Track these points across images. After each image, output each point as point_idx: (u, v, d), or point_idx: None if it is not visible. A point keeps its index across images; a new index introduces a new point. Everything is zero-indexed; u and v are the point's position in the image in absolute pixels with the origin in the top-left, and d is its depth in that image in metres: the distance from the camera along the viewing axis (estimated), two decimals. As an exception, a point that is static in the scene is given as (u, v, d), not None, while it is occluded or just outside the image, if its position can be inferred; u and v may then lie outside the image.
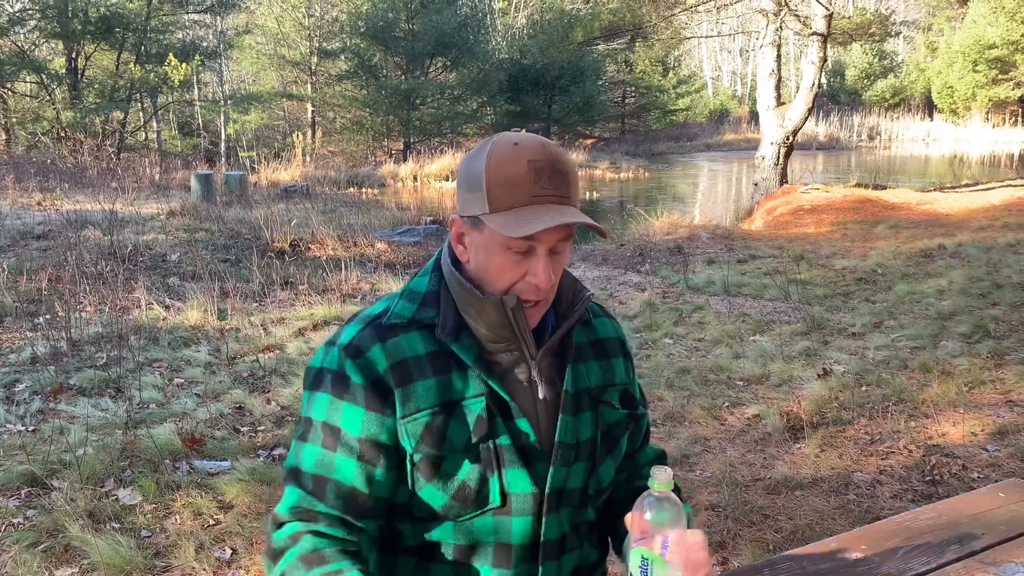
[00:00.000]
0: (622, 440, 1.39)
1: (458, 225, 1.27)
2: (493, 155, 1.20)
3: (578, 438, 1.32)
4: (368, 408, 1.22)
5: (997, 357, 5.16)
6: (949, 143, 31.87)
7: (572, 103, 28.31)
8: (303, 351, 5.55)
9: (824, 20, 13.60)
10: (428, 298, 1.29)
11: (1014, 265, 7.77)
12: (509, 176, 1.18)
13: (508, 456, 1.25)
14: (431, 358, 1.25)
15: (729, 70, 54.61)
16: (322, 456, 1.23)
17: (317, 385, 1.26)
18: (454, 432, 1.23)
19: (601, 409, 1.36)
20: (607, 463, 1.37)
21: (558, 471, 1.29)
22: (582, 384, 1.34)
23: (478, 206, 1.21)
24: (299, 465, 1.25)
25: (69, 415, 4.38)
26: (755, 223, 12.59)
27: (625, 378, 1.42)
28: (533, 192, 1.18)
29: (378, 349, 1.24)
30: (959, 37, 32.27)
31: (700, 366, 5.22)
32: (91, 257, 8.01)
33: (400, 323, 1.27)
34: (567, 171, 1.21)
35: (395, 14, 22.64)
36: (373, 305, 1.33)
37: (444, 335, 1.26)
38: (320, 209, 12.12)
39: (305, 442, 1.25)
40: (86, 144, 17.79)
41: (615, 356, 1.42)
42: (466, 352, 1.25)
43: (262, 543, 3.13)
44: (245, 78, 29.11)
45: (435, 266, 1.33)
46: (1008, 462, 3.72)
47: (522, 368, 1.29)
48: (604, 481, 1.37)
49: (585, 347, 1.38)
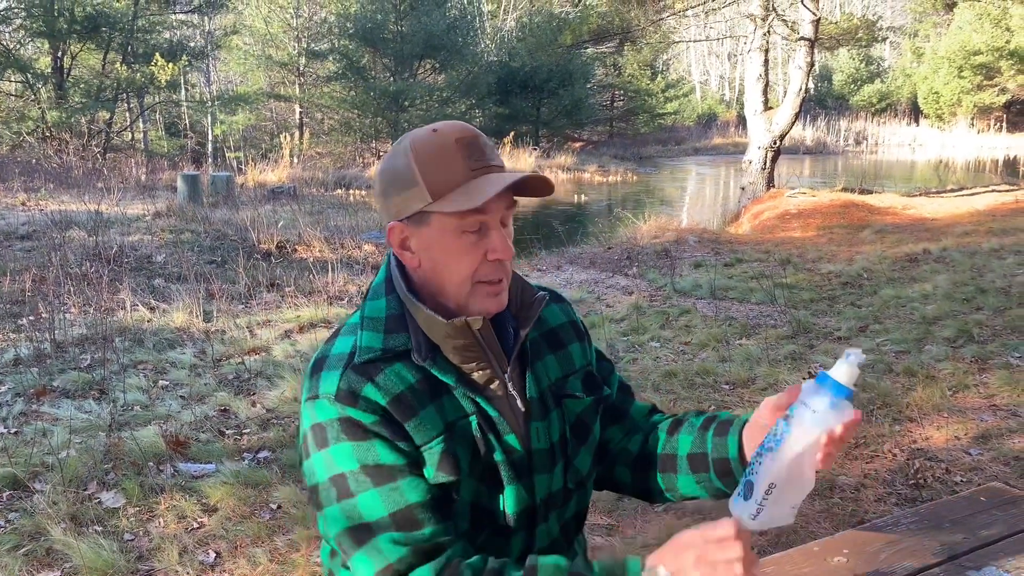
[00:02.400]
0: (594, 426, 1.38)
1: (398, 231, 1.24)
2: (416, 147, 1.20)
3: (552, 440, 1.31)
4: (393, 438, 1.17)
5: (981, 361, 5.20)
6: (935, 148, 32.08)
7: (560, 106, 28.37)
8: (289, 353, 5.53)
9: (811, 25, 13.67)
10: (392, 323, 1.24)
11: (998, 270, 7.83)
12: (441, 159, 1.18)
13: (505, 473, 1.25)
14: (421, 385, 1.21)
15: (717, 74, 54.82)
16: (385, 494, 1.16)
17: (327, 441, 1.18)
18: (461, 455, 1.21)
19: (565, 403, 1.34)
20: (581, 453, 1.36)
21: (542, 479, 1.29)
22: (543, 384, 1.33)
23: (417, 201, 1.19)
24: (366, 520, 1.16)
25: (52, 417, 4.35)
26: (742, 227, 12.64)
27: (584, 360, 1.41)
28: (469, 167, 1.18)
29: (371, 388, 1.18)
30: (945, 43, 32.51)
31: (687, 369, 5.23)
32: (76, 258, 7.96)
33: (375, 357, 1.21)
34: (490, 144, 1.23)
35: (384, 16, 22.61)
36: (333, 344, 1.26)
37: (422, 359, 1.21)
38: (307, 211, 12.09)
39: (353, 497, 1.16)
40: (71, 144, 17.67)
41: (570, 342, 1.41)
42: (446, 374, 1.23)
43: (246, 546, 3.12)
44: (233, 79, 28.98)
45: (388, 287, 1.28)
46: (991, 466, 3.75)
47: (497, 384, 1.27)
48: (583, 470, 1.37)
49: (539, 342, 1.36)
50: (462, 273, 1.21)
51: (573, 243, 10.80)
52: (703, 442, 1.34)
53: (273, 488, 3.55)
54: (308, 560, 2.98)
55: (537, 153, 24.26)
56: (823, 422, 1.06)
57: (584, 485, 1.38)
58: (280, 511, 3.39)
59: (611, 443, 1.44)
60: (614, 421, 1.45)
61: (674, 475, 1.37)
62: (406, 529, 1.15)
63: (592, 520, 3.33)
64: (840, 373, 1.07)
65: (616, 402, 1.46)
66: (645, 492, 1.45)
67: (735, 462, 1.29)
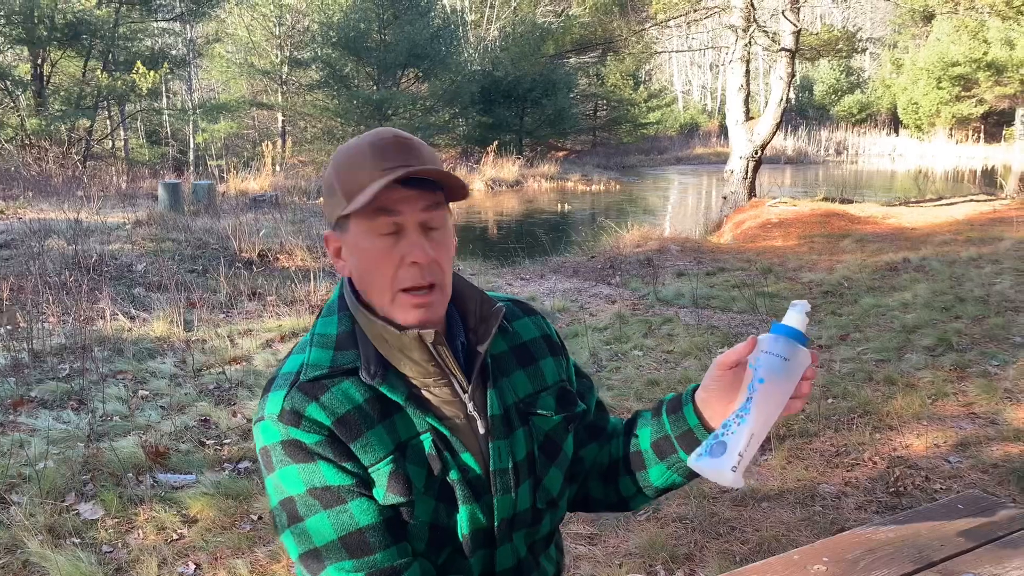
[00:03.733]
0: (564, 444, 1.34)
1: (332, 240, 1.23)
2: (338, 155, 1.20)
3: (515, 460, 1.26)
4: (338, 459, 1.14)
5: (960, 370, 5.25)
6: (914, 158, 32.43)
7: (544, 115, 28.46)
8: (270, 363, 5.50)
9: (792, 36, 13.80)
10: (342, 340, 1.21)
11: (976, 279, 7.91)
12: (354, 163, 1.17)
13: (461, 492, 1.21)
14: (370, 404, 1.17)
15: (699, 84, 55.17)
16: (334, 517, 1.13)
17: (273, 465, 1.15)
18: (414, 475, 1.18)
19: (533, 421, 1.29)
20: (551, 473, 1.31)
21: (503, 500, 1.24)
22: (509, 400, 1.28)
23: (339, 207, 1.18)
24: (316, 545, 1.13)
25: (30, 428, 4.30)
26: (724, 236, 12.71)
27: (557, 376, 1.36)
28: (378, 167, 1.14)
29: (315, 408, 1.14)
30: (923, 54, 32.91)
31: (669, 378, 5.25)
32: (55, 267, 7.89)
33: (322, 375, 1.17)
34: (416, 145, 1.18)
35: (367, 24, 22.62)
36: (284, 364, 1.23)
37: (370, 378, 1.17)
38: (289, 219, 12.04)
39: (302, 521, 1.13)
40: (51, 152, 17.53)
41: (542, 357, 1.35)
42: (396, 392, 1.18)
43: (227, 557, 3.09)
44: (215, 87, 28.89)
45: (341, 305, 1.25)
46: (969, 473, 3.78)
47: (455, 401, 1.23)
48: (554, 490, 1.32)
49: (507, 356, 1.31)
50: (383, 279, 1.17)
51: (556, 252, 10.83)
52: (661, 426, 1.31)
53: (254, 499, 3.53)
54: (289, 571, 2.96)
55: (521, 162, 24.30)
56: (795, 367, 1.13)
57: (556, 504, 1.34)
58: (261, 522, 3.37)
59: (586, 460, 1.40)
60: (592, 438, 1.41)
61: (644, 471, 1.34)
62: (358, 555, 1.12)
63: (574, 530, 3.33)
64: (794, 321, 1.14)
65: (594, 419, 1.42)
66: (620, 502, 1.42)
67: (698, 429, 1.25)
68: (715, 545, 3.19)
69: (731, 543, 3.20)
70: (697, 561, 3.08)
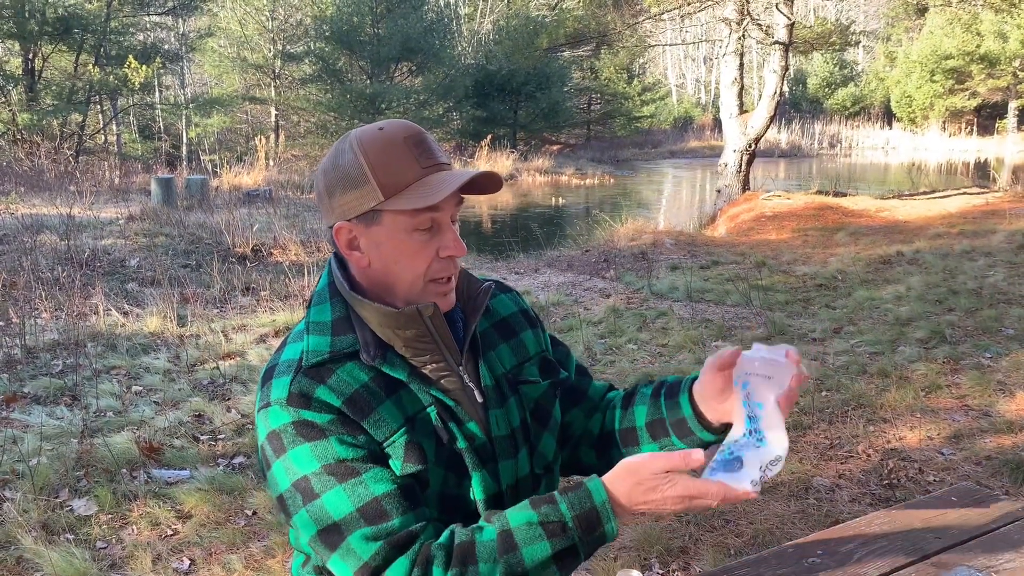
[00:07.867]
0: (553, 410, 1.40)
1: (345, 231, 1.23)
2: (365, 145, 1.20)
3: (512, 427, 1.32)
4: (350, 433, 1.16)
5: (953, 362, 5.26)
6: (907, 151, 32.49)
7: (538, 109, 28.42)
8: (264, 358, 5.49)
9: (786, 30, 13.80)
10: (338, 325, 1.23)
11: (969, 272, 7.93)
12: (392, 157, 1.18)
13: (470, 460, 1.25)
14: (375, 383, 1.21)
15: (693, 78, 55.16)
16: (350, 489, 1.14)
17: (283, 447, 1.16)
18: (426, 445, 1.22)
19: (522, 390, 1.35)
20: (544, 438, 1.37)
21: (506, 465, 1.30)
22: (498, 372, 1.34)
23: (369, 199, 1.19)
24: (335, 519, 1.14)
25: (23, 424, 4.29)
26: (718, 229, 12.72)
27: (538, 347, 1.43)
28: (421, 165, 1.19)
29: (324, 390, 1.17)
30: (917, 48, 32.98)
31: (664, 371, 5.25)
32: (47, 262, 7.86)
33: (324, 359, 1.20)
34: (436, 142, 1.24)
35: (360, 18, 22.53)
36: (282, 353, 1.25)
37: (371, 358, 1.21)
38: (283, 214, 12.01)
39: (318, 497, 1.14)
40: (43, 147, 17.42)
41: (521, 330, 1.42)
42: (397, 370, 1.22)
43: (221, 552, 3.09)
44: (207, 81, 28.75)
45: (332, 291, 1.27)
46: (963, 465, 3.79)
47: (452, 375, 1.27)
48: (548, 455, 1.38)
49: (490, 333, 1.37)
50: (415, 271, 1.22)
51: (551, 246, 10.82)
52: (657, 409, 1.36)
53: (248, 494, 3.53)
54: (284, 566, 2.96)
55: (515, 156, 24.27)
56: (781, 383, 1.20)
57: (552, 470, 1.40)
58: (255, 517, 3.36)
59: (573, 426, 1.46)
60: (575, 403, 1.46)
61: (636, 447, 1.38)
62: (375, 522, 1.13)
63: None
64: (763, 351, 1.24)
65: (575, 384, 1.48)
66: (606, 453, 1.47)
67: (691, 419, 1.31)
68: (710, 538, 3.19)
69: (726, 536, 3.21)
70: (692, 554, 3.08)
